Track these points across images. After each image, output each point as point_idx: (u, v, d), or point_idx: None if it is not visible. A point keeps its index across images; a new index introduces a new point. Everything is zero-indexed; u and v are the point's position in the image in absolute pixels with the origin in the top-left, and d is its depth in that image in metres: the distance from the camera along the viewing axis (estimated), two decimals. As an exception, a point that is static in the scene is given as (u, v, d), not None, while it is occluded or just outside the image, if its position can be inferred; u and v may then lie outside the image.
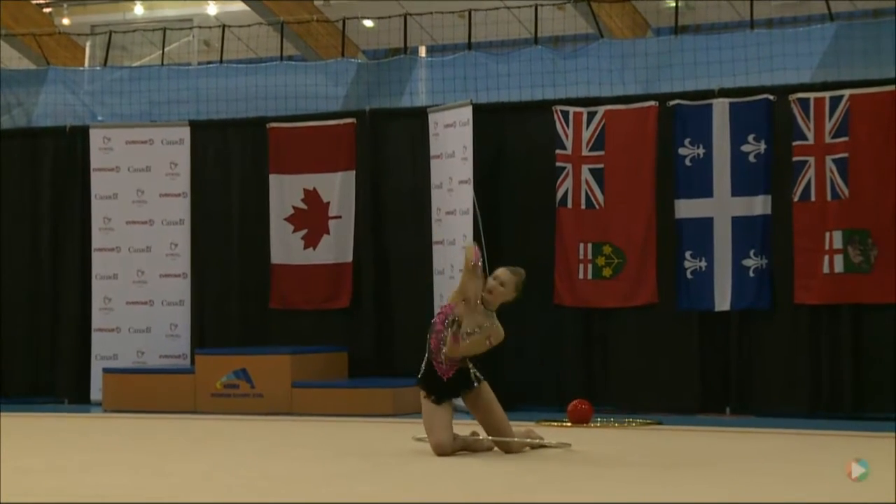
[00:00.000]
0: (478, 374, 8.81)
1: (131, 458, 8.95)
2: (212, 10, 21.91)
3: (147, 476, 8.00)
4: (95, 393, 13.14)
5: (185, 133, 13.47)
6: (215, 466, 8.34)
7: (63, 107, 14.66)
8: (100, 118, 14.33)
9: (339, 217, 13.08)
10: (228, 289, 13.47)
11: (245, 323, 13.38)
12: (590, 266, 12.11)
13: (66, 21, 22.55)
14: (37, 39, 18.27)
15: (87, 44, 19.85)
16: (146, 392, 12.61)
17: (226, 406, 12.22)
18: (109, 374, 12.91)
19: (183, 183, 13.41)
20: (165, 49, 15.99)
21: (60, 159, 13.83)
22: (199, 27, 19.09)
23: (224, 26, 15.36)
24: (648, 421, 11.03)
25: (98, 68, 15.74)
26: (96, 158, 13.51)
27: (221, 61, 14.82)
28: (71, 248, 13.71)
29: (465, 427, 9.11)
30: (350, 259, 13.03)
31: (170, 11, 22.28)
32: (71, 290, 13.61)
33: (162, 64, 15.37)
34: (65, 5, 22.66)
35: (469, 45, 14.08)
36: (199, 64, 16.55)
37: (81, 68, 16.88)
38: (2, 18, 21.58)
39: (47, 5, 22.84)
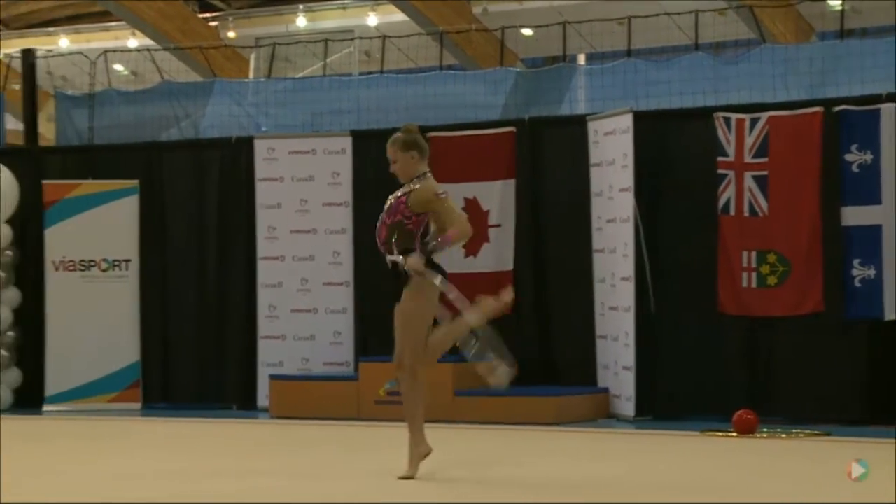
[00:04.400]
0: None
1: (293, 463, 9.09)
2: (372, 21, 22.17)
3: (303, 481, 8.11)
4: (262, 399, 13.35)
5: (346, 143, 13.62)
6: (377, 471, 8.42)
7: (229, 118, 14.95)
8: (264, 129, 14.57)
9: (499, 225, 13.10)
10: (390, 297, 13.54)
11: (406, 330, 13.45)
12: (754, 274, 11.95)
13: (231, 34, 23.04)
14: (203, 53, 18.69)
15: (252, 56, 20.23)
16: (311, 399, 12.77)
17: (389, 413, 12.26)
18: (276, 380, 13.10)
19: (345, 192, 13.56)
20: (327, 60, 16.22)
21: (226, 170, 14.10)
22: (360, 38, 19.32)
23: (384, 37, 15.55)
24: (816, 432, 10.83)
25: (262, 80, 16.04)
26: (261, 168, 13.73)
27: (382, 71, 14.98)
28: (237, 257, 13.97)
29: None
30: (510, 267, 13.04)
31: (331, 23, 22.60)
32: (237, 298, 13.86)
33: (324, 75, 15.61)
34: (230, 19, 23.15)
35: (629, 53, 14.03)
36: (360, 74, 16.74)
37: (246, 80, 17.22)
38: (170, 32, 22.12)
39: (213, 19, 23.35)
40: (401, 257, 8.03)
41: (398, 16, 21.46)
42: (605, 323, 12.35)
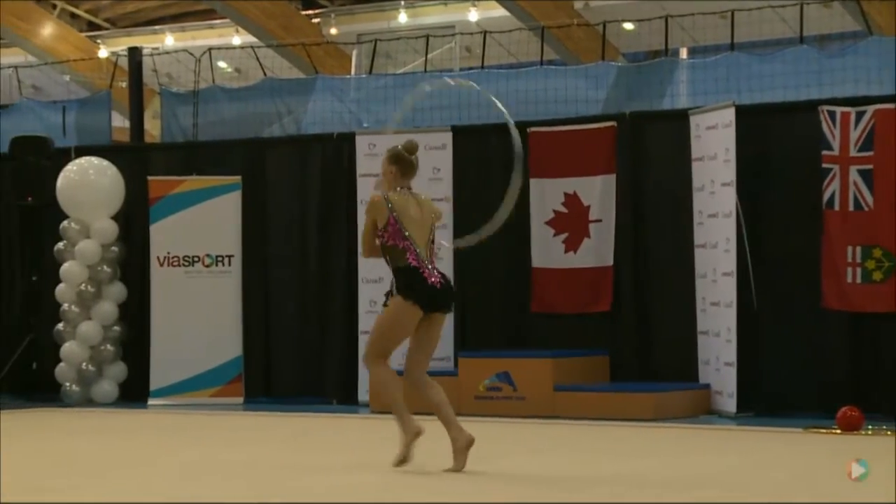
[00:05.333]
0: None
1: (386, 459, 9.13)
2: (473, 16, 22.18)
3: (407, 477, 8.14)
4: (363, 394, 13.41)
5: (447, 138, 13.63)
6: (479, 468, 8.43)
7: (331, 114, 15.04)
8: (365, 125, 14.64)
9: (600, 220, 13.04)
10: (490, 292, 13.58)
11: (506, 326, 13.47)
12: (859, 270, 11.76)
13: (333, 31, 23.18)
14: (306, 49, 18.82)
15: (354, 52, 20.34)
16: (410, 394, 12.75)
17: (489, 409, 12.31)
18: (375, 375, 13.14)
19: (446, 187, 13.57)
20: (428, 56, 16.24)
21: (328, 165, 14.19)
22: (461, 34, 19.33)
23: (485, 32, 15.53)
24: (923, 430, 10.65)
25: (364, 76, 16.10)
26: (362, 164, 13.79)
27: (483, 67, 14.96)
28: (337, 251, 14.05)
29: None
30: (611, 263, 12.98)
31: (432, 18, 22.65)
32: (338, 293, 13.94)
33: (425, 70, 15.62)
34: (332, 15, 23.31)
35: (732, 46, 13.89)
36: (461, 70, 16.75)
37: (348, 76, 17.33)
38: (273, 29, 22.31)
39: (316, 16, 23.51)
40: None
41: (499, 11, 21.44)
42: (706, 319, 12.24)
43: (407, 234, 8.21)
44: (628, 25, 18.05)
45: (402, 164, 8.47)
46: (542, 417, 11.97)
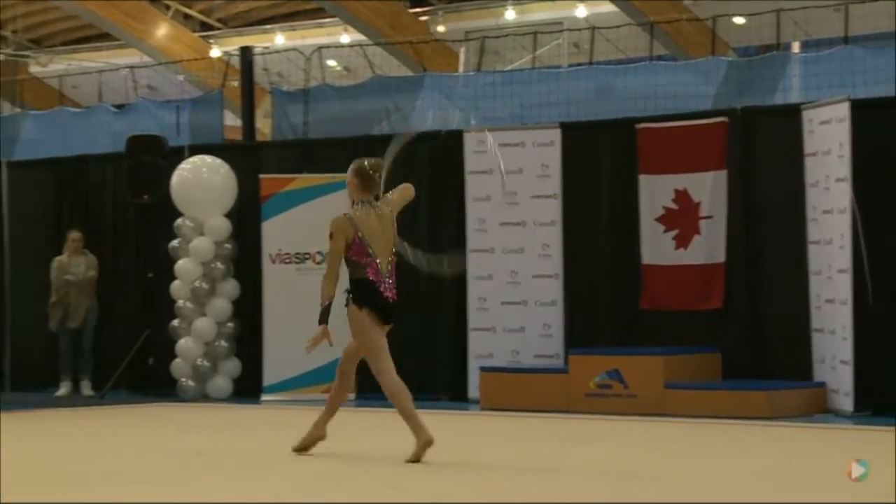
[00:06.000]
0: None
1: (507, 457, 9.14)
2: (581, 12, 22.10)
3: (518, 475, 8.14)
4: (473, 391, 13.44)
5: (555, 135, 13.60)
6: (590, 466, 8.42)
7: (438, 112, 15.07)
8: (473, 122, 14.65)
9: (711, 217, 12.93)
10: (599, 289, 13.53)
11: (616, 323, 13.41)
12: (978, 265, 11.55)
13: (441, 28, 23.24)
14: (414, 47, 18.90)
15: (462, 49, 20.36)
16: (521, 391, 12.81)
17: (599, 406, 12.28)
18: (486, 372, 13.18)
19: (554, 184, 13.55)
20: (536, 52, 16.23)
21: (436, 163, 14.23)
22: (569, 30, 19.29)
23: (593, 28, 15.49)
24: None
25: (472, 73, 16.12)
26: (470, 161, 13.82)
27: (591, 63, 14.91)
28: (446, 248, 14.06)
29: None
30: (722, 259, 12.87)
31: (540, 15, 22.61)
32: (448, 290, 13.98)
33: (533, 67, 15.61)
34: (440, 13, 23.36)
35: (845, 39, 13.70)
36: (569, 66, 16.70)
37: (456, 74, 17.34)
38: (381, 28, 22.43)
39: (424, 14, 23.59)
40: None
41: (607, 7, 21.35)
42: (821, 316, 12.09)
43: (370, 250, 8.73)
44: (739, 19, 17.86)
45: (364, 179, 8.91)
46: (653, 415, 11.90)
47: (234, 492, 7.60)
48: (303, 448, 9.08)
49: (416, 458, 8.50)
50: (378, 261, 8.78)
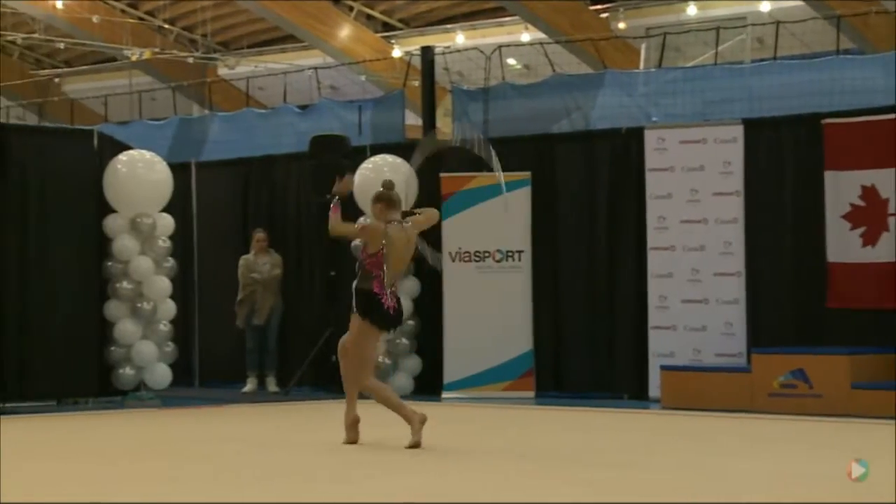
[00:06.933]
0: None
1: (685, 457, 9.06)
2: (765, 6, 21.75)
3: (698, 473, 8.06)
4: (654, 390, 13.35)
5: (738, 131, 13.43)
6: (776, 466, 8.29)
7: (619, 109, 14.97)
8: (654, 119, 14.54)
9: (900, 214, 12.63)
10: (783, 287, 13.31)
11: (801, 321, 13.17)
12: None
13: (621, 25, 23.10)
14: (594, 44, 18.81)
15: (642, 46, 20.23)
16: (702, 390, 12.68)
17: (783, 406, 12.08)
18: (667, 371, 13.07)
19: (736, 181, 13.38)
20: (719, 48, 16.02)
21: (616, 161, 14.17)
22: (753, 24, 18.99)
23: (778, 23, 15.20)
24: None
25: (652, 70, 15.99)
26: (651, 159, 13.72)
27: (775, 58, 14.66)
28: (627, 247, 14.02)
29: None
30: (912, 257, 12.55)
31: (723, 10, 22.32)
32: (627, 288, 13.91)
33: (715, 63, 15.40)
34: (621, 10, 23.22)
35: None
36: (753, 62, 16.44)
37: (636, 71, 17.23)
38: (561, 25, 22.40)
39: (604, 11, 23.48)
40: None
41: (792, 1, 20.97)
42: None
43: (385, 266, 9.23)
44: (930, 11, 17.36)
45: (384, 200, 9.51)
46: (839, 416, 11.65)
47: (420, 489, 7.66)
48: (415, 443, 9.23)
49: (415, 443, 9.12)
50: (386, 277, 9.28)
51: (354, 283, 9.40)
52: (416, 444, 9.15)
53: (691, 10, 22.57)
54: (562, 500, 7.13)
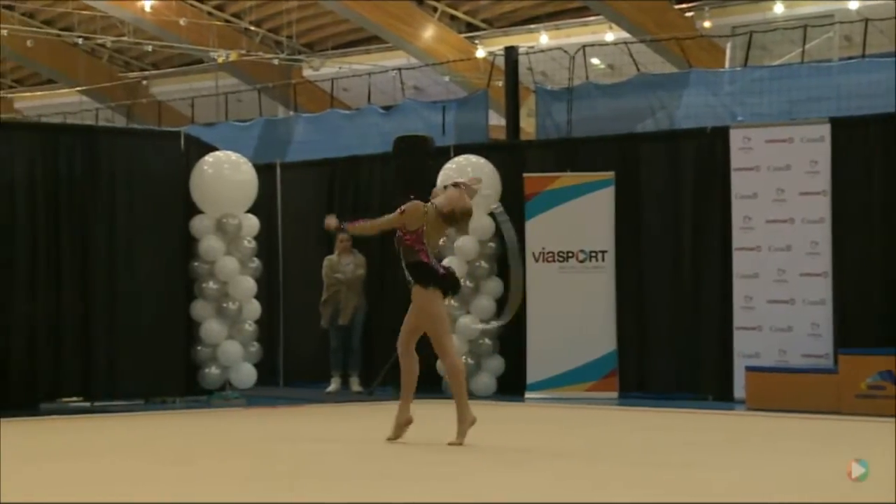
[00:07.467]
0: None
1: (767, 457, 8.98)
2: (853, 4, 21.51)
3: (778, 473, 7.99)
4: (739, 390, 13.24)
5: (825, 130, 13.28)
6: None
7: (704, 108, 14.89)
8: (740, 118, 14.43)
9: None
10: (870, 288, 13.15)
11: (889, 323, 12.99)
12: None
13: (706, 24, 22.97)
14: (679, 44, 18.70)
15: (728, 45, 20.08)
16: (788, 391, 12.55)
17: (871, 408, 11.93)
18: (752, 372, 12.96)
19: (823, 181, 13.24)
20: (805, 46, 15.86)
21: (701, 160, 14.07)
22: (841, 22, 18.79)
23: (867, 20, 15.03)
24: None
25: (738, 69, 15.87)
26: (736, 158, 13.61)
27: (864, 56, 14.49)
28: (712, 247, 13.91)
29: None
30: None
31: (810, 8, 22.11)
32: (712, 288, 13.81)
33: (802, 62, 15.26)
34: (706, 9, 23.08)
35: None
36: (840, 60, 16.26)
37: (722, 70, 17.10)
38: (646, 25, 22.30)
39: (689, 10, 23.34)
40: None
41: (880, -2, 20.72)
42: None
43: (425, 240, 9.49)
44: None
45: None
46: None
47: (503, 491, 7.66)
48: (396, 436, 9.62)
49: (460, 440, 9.30)
50: (430, 250, 9.54)
51: (403, 262, 9.57)
52: (458, 443, 9.32)
53: (778, 9, 22.37)
54: (631, 501, 7.10)
